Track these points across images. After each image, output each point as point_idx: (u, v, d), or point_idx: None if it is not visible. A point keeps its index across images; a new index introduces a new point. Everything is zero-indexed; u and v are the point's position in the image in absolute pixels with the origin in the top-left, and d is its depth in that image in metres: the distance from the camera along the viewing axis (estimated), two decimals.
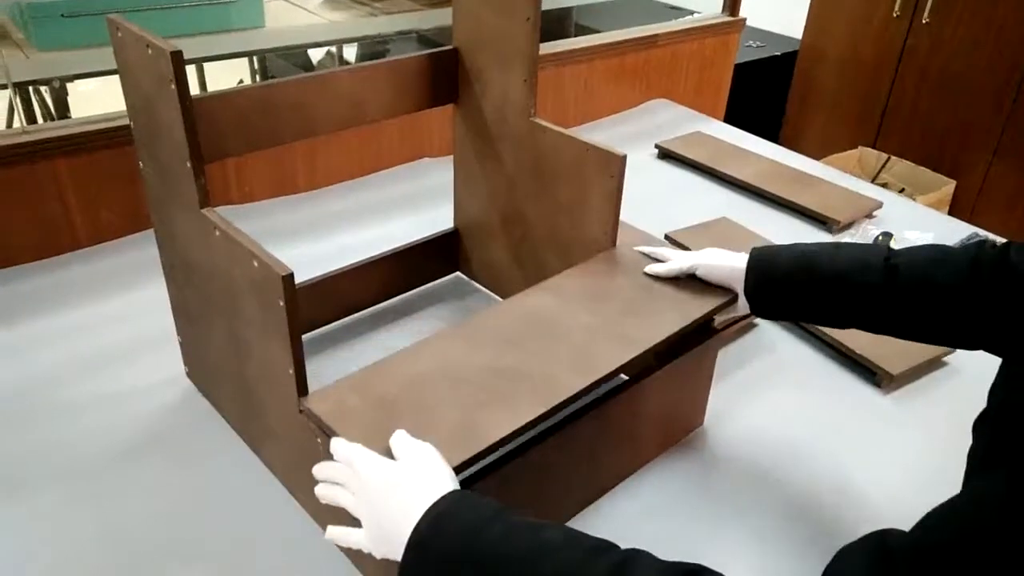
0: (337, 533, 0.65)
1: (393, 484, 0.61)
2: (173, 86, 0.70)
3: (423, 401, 0.71)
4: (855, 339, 1.07)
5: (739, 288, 0.85)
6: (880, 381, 1.05)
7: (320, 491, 0.66)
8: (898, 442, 0.96)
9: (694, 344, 0.87)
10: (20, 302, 1.13)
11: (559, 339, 0.80)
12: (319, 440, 0.70)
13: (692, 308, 0.85)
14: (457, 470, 0.65)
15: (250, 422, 0.88)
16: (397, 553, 0.58)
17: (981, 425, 0.64)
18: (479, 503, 0.59)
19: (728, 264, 0.86)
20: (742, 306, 0.86)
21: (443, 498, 0.59)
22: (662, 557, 0.55)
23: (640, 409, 0.85)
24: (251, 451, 0.90)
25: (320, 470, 0.66)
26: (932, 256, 0.76)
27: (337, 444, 0.65)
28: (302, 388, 0.71)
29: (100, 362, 1.02)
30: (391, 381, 0.74)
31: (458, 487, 0.61)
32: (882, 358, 1.05)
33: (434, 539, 0.57)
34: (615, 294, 0.87)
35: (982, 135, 2.49)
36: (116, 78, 0.80)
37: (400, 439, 0.65)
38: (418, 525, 0.57)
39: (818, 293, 0.79)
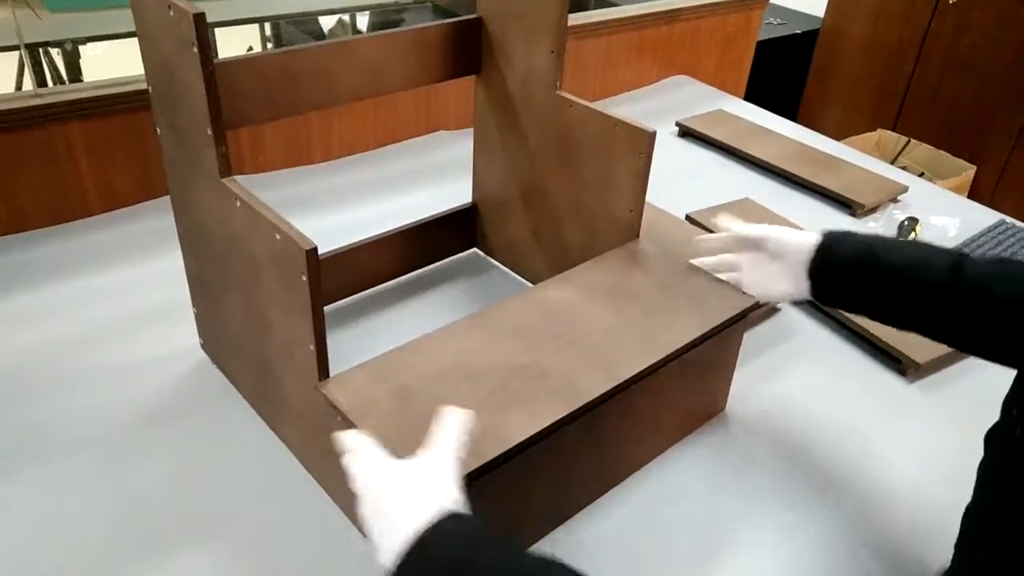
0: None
1: (387, 493, 0.57)
2: (195, 49, 0.67)
3: (442, 397, 0.70)
4: (881, 326, 1.05)
5: (803, 269, 0.81)
6: (905, 370, 1.03)
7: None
8: (923, 432, 0.94)
9: (719, 330, 0.85)
10: (32, 269, 1.11)
11: (579, 338, 0.79)
12: (338, 419, 0.69)
13: (715, 312, 0.83)
14: (477, 472, 0.64)
15: (266, 397, 0.86)
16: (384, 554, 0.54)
17: (993, 440, 0.62)
18: (477, 528, 0.54)
19: (798, 240, 0.81)
20: (802, 290, 0.82)
21: (431, 526, 0.53)
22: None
23: (662, 396, 0.84)
24: (266, 425, 0.89)
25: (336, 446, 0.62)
26: (996, 269, 0.72)
27: (343, 438, 0.61)
28: (323, 370, 0.70)
29: (113, 332, 1.01)
30: (410, 372, 0.73)
31: (451, 506, 0.55)
32: (908, 347, 1.03)
33: (425, 560, 0.52)
34: (638, 292, 0.86)
35: (1005, 121, 2.44)
36: (126, 43, 0.78)
37: (442, 422, 0.61)
38: (405, 553, 0.53)
39: (878, 285, 0.76)
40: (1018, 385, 0.60)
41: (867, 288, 0.77)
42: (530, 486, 0.73)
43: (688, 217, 1.30)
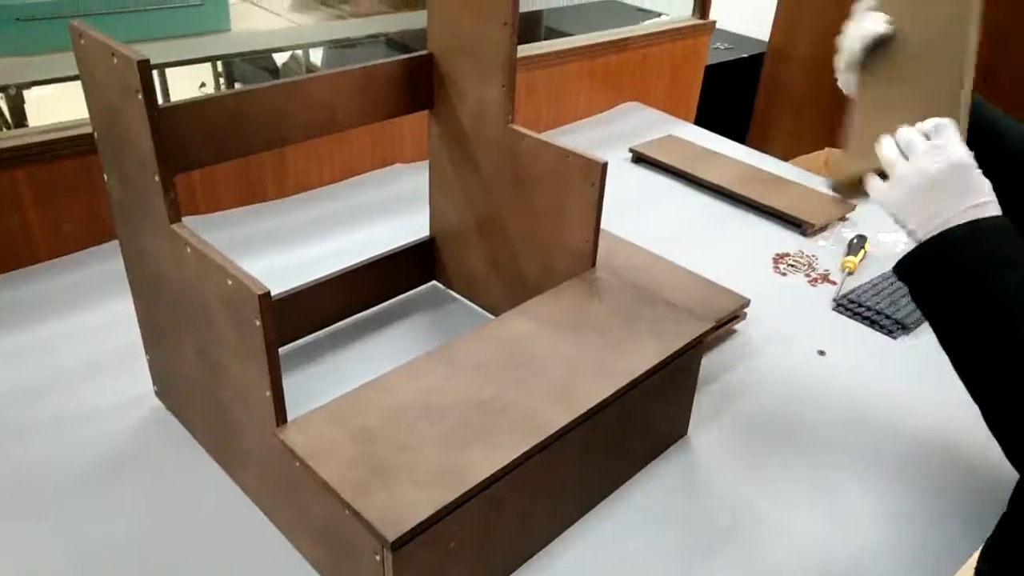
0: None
1: (971, 165, 0.70)
2: (140, 96, 0.66)
3: (403, 437, 0.70)
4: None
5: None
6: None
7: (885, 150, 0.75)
8: (886, 447, 0.96)
9: (677, 355, 0.86)
10: None
11: (539, 370, 0.79)
12: (296, 465, 0.68)
13: (671, 339, 0.84)
14: (441, 511, 0.64)
15: (223, 444, 0.85)
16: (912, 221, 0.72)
17: None
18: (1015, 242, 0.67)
19: None
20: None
21: (990, 222, 0.68)
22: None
23: (624, 424, 0.84)
24: (224, 472, 0.87)
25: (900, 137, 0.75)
26: None
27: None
28: (280, 415, 0.69)
29: (64, 381, 0.98)
30: (370, 412, 0.73)
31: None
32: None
33: (966, 246, 0.68)
34: (596, 321, 0.87)
35: None
36: (72, 85, 0.77)
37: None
38: (960, 227, 0.68)
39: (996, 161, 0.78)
40: None
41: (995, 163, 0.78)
42: (495, 522, 0.72)
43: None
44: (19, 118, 1.47)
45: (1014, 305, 0.65)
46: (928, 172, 0.71)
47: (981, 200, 0.70)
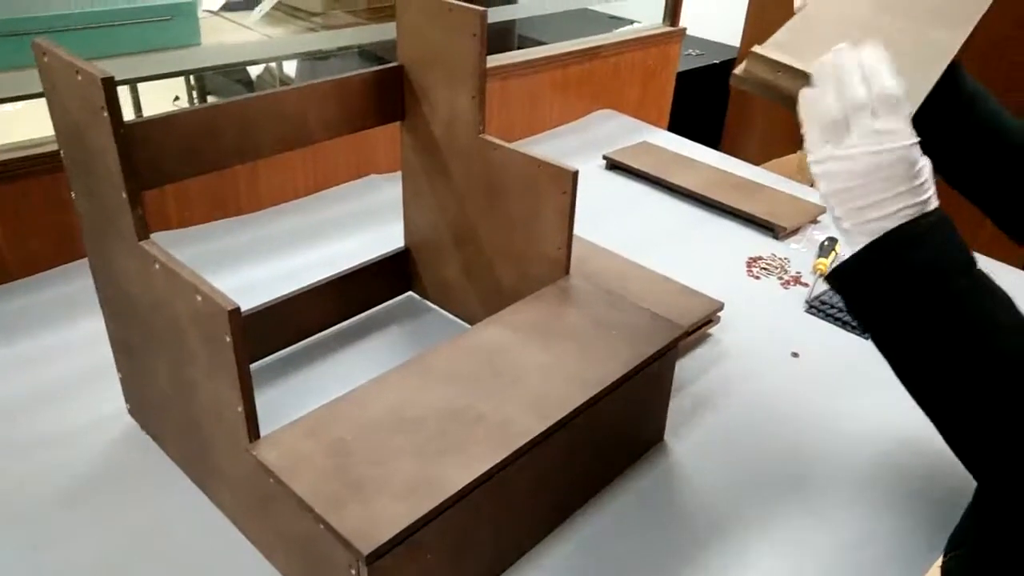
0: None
1: (915, 160, 0.60)
2: (105, 114, 0.66)
3: (378, 449, 0.70)
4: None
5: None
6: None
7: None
8: (861, 449, 0.97)
9: (651, 361, 0.87)
10: None
11: (514, 379, 0.79)
12: (271, 481, 0.68)
13: (644, 345, 0.85)
14: (418, 523, 0.64)
15: (197, 461, 0.84)
16: (862, 218, 0.60)
17: None
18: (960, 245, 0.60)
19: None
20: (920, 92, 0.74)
21: (932, 220, 0.59)
22: None
23: (599, 431, 0.84)
24: (199, 490, 0.86)
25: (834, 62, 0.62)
26: None
27: (880, 72, 0.61)
28: (253, 431, 0.68)
29: (35, 400, 0.97)
30: (344, 425, 0.72)
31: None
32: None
33: (914, 249, 0.59)
34: (570, 328, 0.87)
35: None
36: (39, 102, 0.76)
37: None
38: (906, 226, 0.59)
39: (966, 134, 0.76)
40: None
41: (955, 134, 0.76)
42: (472, 532, 0.72)
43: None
44: None
45: (987, 311, 0.59)
46: (868, 161, 0.60)
47: (924, 196, 0.60)
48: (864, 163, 0.60)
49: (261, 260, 1.29)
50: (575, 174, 0.90)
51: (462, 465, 0.69)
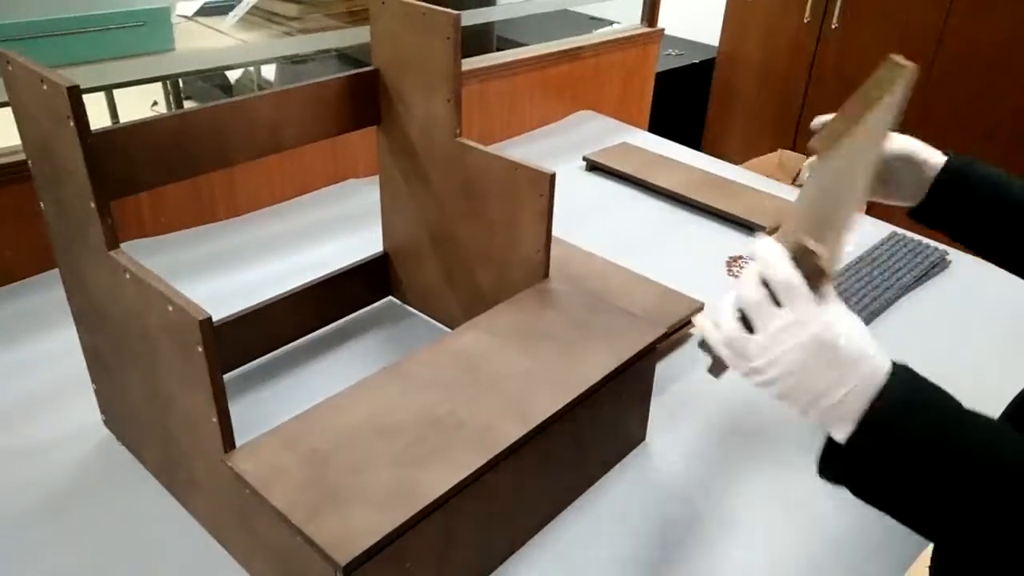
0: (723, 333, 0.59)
1: (844, 337, 0.54)
2: (72, 123, 0.65)
3: (356, 457, 0.69)
4: None
5: (926, 182, 0.80)
6: None
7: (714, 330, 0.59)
8: None
9: (630, 363, 0.87)
10: None
11: (494, 383, 0.79)
12: (247, 492, 0.67)
13: (624, 346, 0.85)
14: (398, 530, 0.63)
15: (174, 472, 0.83)
16: (814, 404, 0.55)
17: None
18: (943, 392, 0.56)
19: (927, 151, 0.81)
20: (914, 199, 0.82)
21: (907, 371, 0.56)
22: None
23: (581, 434, 0.84)
24: (175, 500, 0.85)
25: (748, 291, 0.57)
26: None
27: (781, 262, 0.55)
28: (228, 442, 0.68)
29: (9, 413, 0.95)
30: (322, 434, 0.72)
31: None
32: None
33: (909, 417, 0.54)
34: (550, 331, 0.87)
35: None
36: (6, 110, 0.75)
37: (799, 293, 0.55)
38: (885, 395, 0.54)
39: (998, 215, 0.78)
40: None
41: (983, 215, 0.79)
42: (452, 540, 0.72)
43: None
44: None
45: (995, 452, 0.54)
46: (794, 359, 0.55)
47: (873, 365, 0.55)
48: (786, 363, 0.55)
49: (238, 267, 1.27)
50: (552, 176, 0.90)
51: (441, 472, 0.69)
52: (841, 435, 0.56)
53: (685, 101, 3.00)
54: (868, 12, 2.53)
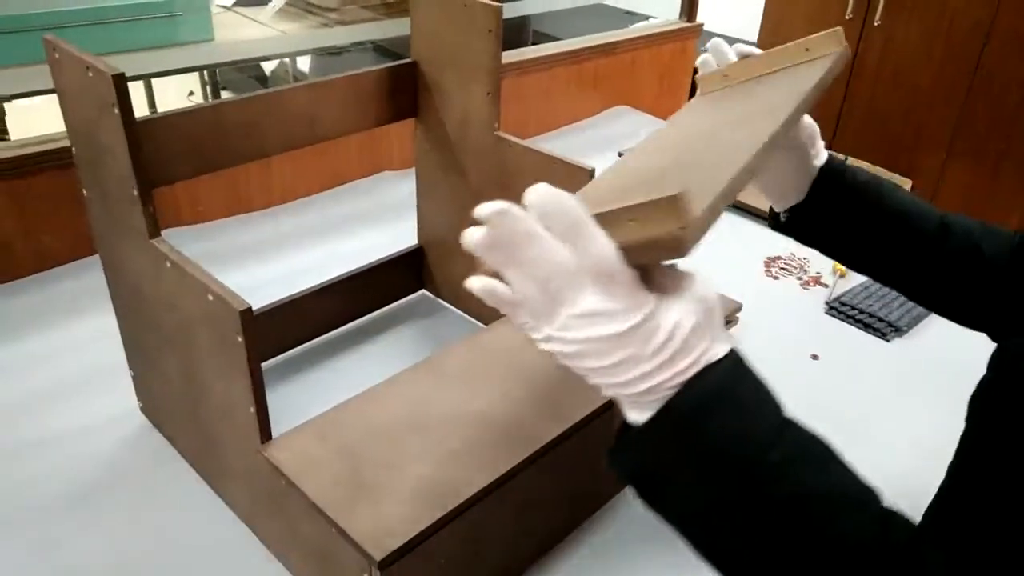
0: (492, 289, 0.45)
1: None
2: (116, 111, 0.65)
3: (390, 452, 0.69)
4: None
5: (810, 175, 0.73)
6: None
7: (477, 284, 0.46)
8: (882, 455, 0.95)
9: None
10: None
11: (529, 381, 0.78)
12: (282, 483, 0.67)
13: None
14: (431, 528, 0.63)
15: (209, 460, 0.83)
16: (601, 376, 0.43)
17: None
18: (765, 392, 0.47)
19: (820, 142, 0.73)
20: (794, 197, 0.74)
21: (723, 367, 0.44)
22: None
23: (609, 438, 0.83)
24: (210, 488, 0.85)
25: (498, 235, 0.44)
26: (983, 228, 0.72)
27: (565, 200, 0.42)
28: (264, 432, 0.67)
29: (47, 397, 0.96)
30: (356, 427, 0.71)
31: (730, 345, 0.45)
32: None
33: (705, 422, 0.43)
34: None
35: (935, 135, 2.53)
36: (54, 97, 0.75)
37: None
38: (685, 394, 0.43)
39: (876, 223, 0.72)
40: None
41: (863, 222, 0.72)
42: (484, 538, 0.71)
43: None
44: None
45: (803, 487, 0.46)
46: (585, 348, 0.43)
47: (685, 361, 0.43)
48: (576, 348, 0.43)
49: (273, 257, 1.28)
50: (592, 172, 0.88)
51: (476, 469, 0.68)
52: (638, 417, 0.45)
53: None
54: (912, 8, 2.47)
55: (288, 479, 0.66)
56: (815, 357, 1.11)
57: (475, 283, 0.46)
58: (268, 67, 3.41)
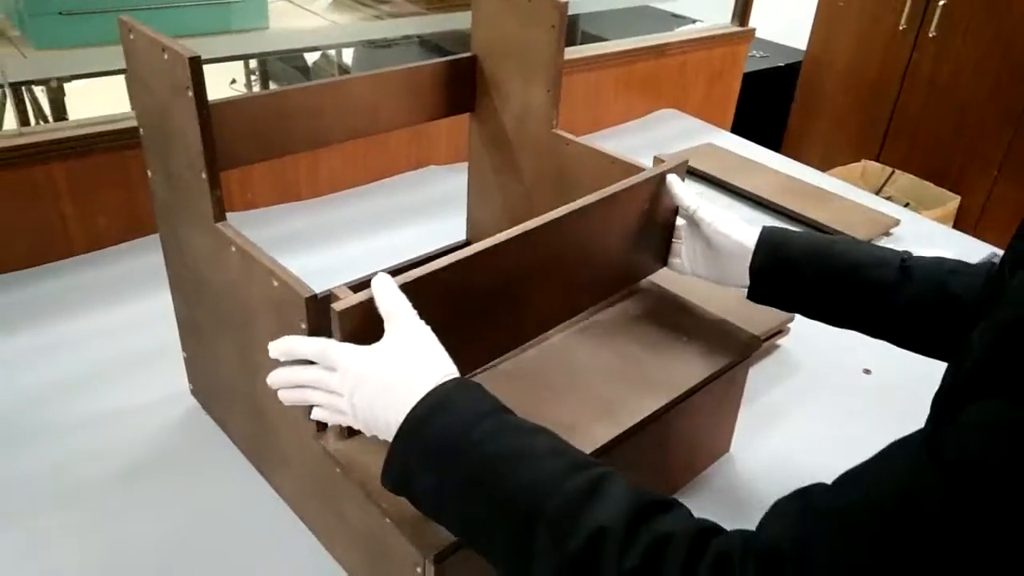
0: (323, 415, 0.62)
1: (390, 369, 0.57)
2: (190, 93, 0.65)
3: None
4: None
5: (740, 263, 0.80)
6: None
7: (287, 396, 0.63)
8: None
9: (725, 370, 0.84)
10: (12, 312, 1.08)
11: (580, 382, 0.77)
12: (337, 471, 0.67)
13: (720, 352, 0.83)
14: None
15: (260, 446, 0.83)
16: (386, 434, 0.57)
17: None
18: (479, 396, 0.57)
19: (736, 237, 0.80)
20: (736, 283, 0.82)
21: (443, 385, 0.56)
22: None
23: (668, 440, 0.82)
24: (260, 474, 0.86)
25: (286, 375, 0.63)
26: (949, 266, 0.74)
27: (300, 343, 0.61)
28: (321, 423, 0.67)
29: (98, 377, 0.98)
30: None
31: (457, 373, 0.59)
32: None
33: (426, 427, 0.55)
34: (638, 333, 0.85)
35: (987, 151, 2.48)
36: (112, 79, 0.76)
37: (386, 292, 0.62)
38: (413, 411, 0.55)
39: (829, 282, 0.76)
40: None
41: (816, 284, 0.76)
42: None
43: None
44: (59, 112, 1.47)
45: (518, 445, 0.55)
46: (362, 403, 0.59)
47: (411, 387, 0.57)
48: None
49: (319, 247, 1.28)
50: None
51: None
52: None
53: (767, 105, 2.93)
54: (968, 20, 2.42)
55: (344, 468, 0.66)
56: (867, 371, 1.09)
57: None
58: (311, 59, 3.43)
